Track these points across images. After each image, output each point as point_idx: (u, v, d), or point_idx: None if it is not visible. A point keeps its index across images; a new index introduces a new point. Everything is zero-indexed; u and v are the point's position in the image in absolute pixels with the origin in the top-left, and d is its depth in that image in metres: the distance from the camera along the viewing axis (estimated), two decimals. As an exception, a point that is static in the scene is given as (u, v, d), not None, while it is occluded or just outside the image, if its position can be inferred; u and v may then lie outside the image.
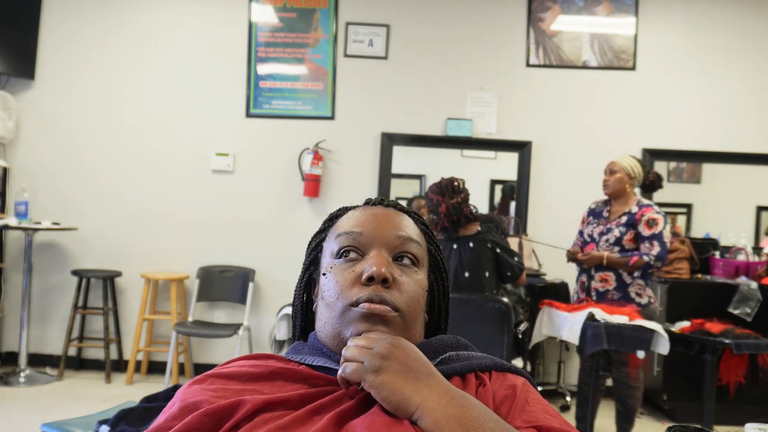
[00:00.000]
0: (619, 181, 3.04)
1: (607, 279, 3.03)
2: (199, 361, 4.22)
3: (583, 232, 3.22)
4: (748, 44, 4.29)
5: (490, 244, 2.90)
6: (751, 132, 4.29)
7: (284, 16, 4.25)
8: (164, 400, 0.97)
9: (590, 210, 3.25)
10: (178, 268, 4.18)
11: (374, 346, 0.73)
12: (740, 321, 3.45)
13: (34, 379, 3.84)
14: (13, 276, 4.20)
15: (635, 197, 3.09)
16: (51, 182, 4.19)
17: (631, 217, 3.01)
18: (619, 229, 3.02)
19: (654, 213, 2.97)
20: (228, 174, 4.25)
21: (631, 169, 3.04)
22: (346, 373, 0.72)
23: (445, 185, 2.98)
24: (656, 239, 2.92)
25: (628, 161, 3.07)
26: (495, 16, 4.29)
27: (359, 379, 0.71)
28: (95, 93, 4.22)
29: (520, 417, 0.76)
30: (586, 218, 3.25)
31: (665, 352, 2.64)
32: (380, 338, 0.75)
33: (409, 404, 0.69)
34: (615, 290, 3.02)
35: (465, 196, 2.96)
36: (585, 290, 3.12)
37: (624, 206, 3.06)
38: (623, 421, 3.04)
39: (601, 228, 3.11)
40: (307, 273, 0.95)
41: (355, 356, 0.73)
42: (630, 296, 3.00)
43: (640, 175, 3.07)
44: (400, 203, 0.96)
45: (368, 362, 0.71)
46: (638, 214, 2.99)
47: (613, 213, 3.11)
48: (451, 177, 3.02)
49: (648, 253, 2.90)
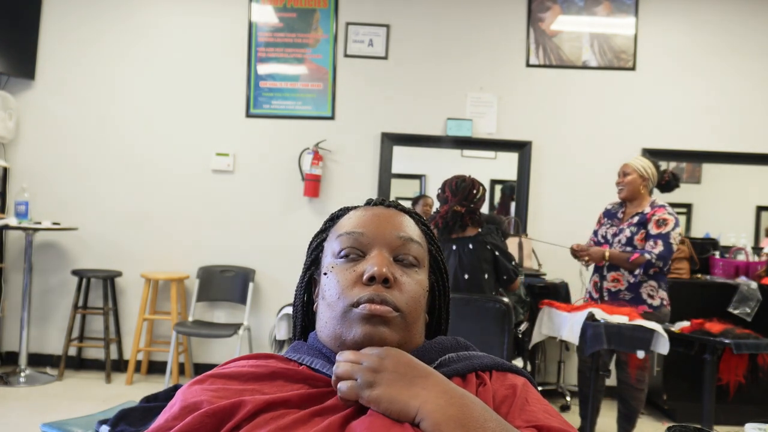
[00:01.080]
0: (632, 183, 3.00)
1: (618, 279, 3.01)
2: (199, 361, 4.22)
3: (597, 232, 3.21)
4: (748, 44, 4.29)
5: (489, 246, 2.89)
6: (751, 132, 4.29)
7: (284, 16, 4.25)
8: (164, 400, 0.97)
9: (606, 211, 3.23)
10: (178, 268, 4.18)
11: (364, 361, 0.73)
12: (740, 321, 3.45)
13: (34, 379, 3.84)
14: (13, 276, 4.20)
15: (650, 198, 3.06)
16: (51, 182, 4.19)
17: (642, 217, 2.98)
18: (630, 229, 3.00)
19: (666, 214, 2.93)
20: (228, 174, 4.25)
21: (644, 170, 3.01)
22: (342, 392, 0.73)
23: (463, 188, 2.89)
24: (662, 239, 2.89)
25: (641, 162, 3.04)
26: (495, 16, 4.29)
27: (356, 397, 0.72)
28: (95, 93, 4.22)
29: (520, 416, 0.76)
30: (602, 219, 3.23)
31: (665, 352, 2.64)
32: (368, 353, 0.75)
33: (408, 410, 0.69)
34: (627, 290, 2.99)
35: (474, 208, 2.89)
36: (598, 290, 3.10)
37: (638, 207, 3.03)
38: (624, 422, 3.04)
39: (614, 229, 3.09)
40: (308, 273, 0.95)
41: (348, 373, 0.73)
42: (642, 297, 2.97)
43: (654, 176, 3.03)
44: (401, 204, 0.96)
45: (361, 378, 0.72)
46: (650, 214, 2.96)
47: (627, 214, 3.08)
48: (473, 181, 2.92)
49: (650, 251, 2.88)
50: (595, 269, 3.15)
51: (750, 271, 3.80)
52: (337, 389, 0.73)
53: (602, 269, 3.07)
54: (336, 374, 0.74)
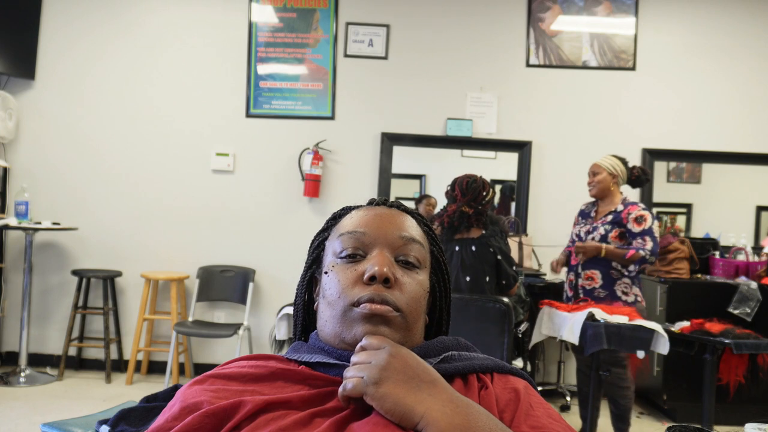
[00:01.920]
0: (602, 181, 3.13)
1: (593, 277, 3.08)
2: (199, 361, 4.22)
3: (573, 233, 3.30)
4: (748, 44, 4.29)
5: (492, 249, 2.85)
6: (751, 132, 4.29)
7: (284, 16, 4.25)
8: (164, 400, 0.97)
9: (580, 211, 3.35)
10: (178, 268, 4.18)
11: (372, 359, 0.72)
12: (740, 321, 3.45)
13: (34, 379, 3.84)
14: (13, 276, 4.19)
15: (621, 196, 3.17)
16: (51, 182, 4.19)
17: (617, 215, 3.08)
18: (604, 227, 3.09)
19: (640, 210, 3.05)
20: (228, 174, 4.25)
21: (613, 168, 3.13)
22: (347, 389, 0.71)
23: (473, 189, 2.86)
24: (647, 234, 2.99)
25: (609, 161, 3.16)
26: (495, 16, 4.29)
27: (361, 394, 0.70)
28: (95, 93, 4.22)
29: (525, 422, 0.75)
30: (577, 219, 3.34)
31: (665, 352, 2.64)
32: (377, 351, 0.74)
33: (413, 414, 0.68)
34: (601, 288, 3.06)
35: (482, 210, 2.87)
36: (573, 288, 3.17)
37: (610, 205, 3.15)
38: (619, 422, 3.04)
39: (587, 227, 3.19)
40: (309, 271, 0.95)
41: (354, 372, 0.72)
42: (616, 294, 3.05)
43: (623, 173, 3.15)
44: (403, 203, 0.96)
45: (368, 375, 0.70)
46: (624, 212, 3.06)
47: (599, 213, 3.19)
48: (484, 182, 2.90)
49: (643, 248, 2.96)
50: (571, 268, 3.21)
51: (750, 271, 3.80)
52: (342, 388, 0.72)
53: (577, 267, 3.14)
54: (345, 376, 0.73)
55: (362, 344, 0.76)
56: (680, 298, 3.64)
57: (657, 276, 3.75)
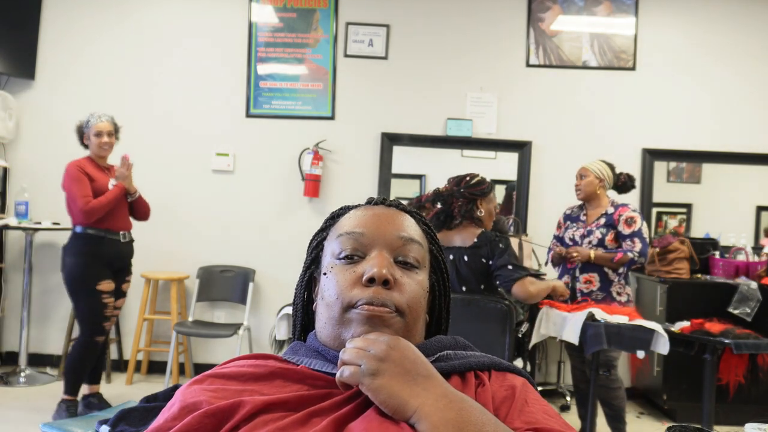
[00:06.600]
0: (589, 184, 3.17)
1: (591, 280, 3.10)
2: (199, 361, 4.22)
3: (563, 237, 3.29)
4: (748, 44, 4.29)
5: (484, 259, 2.69)
6: (751, 132, 4.29)
7: (284, 16, 4.25)
8: (164, 400, 0.97)
9: (566, 215, 3.36)
10: (178, 268, 4.18)
11: (371, 348, 0.72)
12: (740, 321, 3.45)
13: (34, 379, 3.84)
14: (13, 276, 4.19)
15: (608, 199, 3.21)
16: (51, 182, 4.17)
17: (609, 218, 3.12)
18: (600, 231, 3.12)
19: (631, 212, 3.10)
20: (228, 174, 4.24)
21: (600, 173, 3.17)
22: (343, 376, 0.72)
23: (457, 177, 2.78)
24: (636, 236, 3.04)
25: (597, 165, 3.20)
26: (495, 16, 4.29)
27: (356, 383, 0.71)
28: (95, 93, 4.22)
29: (519, 418, 0.75)
30: (563, 223, 3.35)
31: (665, 352, 2.64)
32: (377, 339, 0.74)
33: (406, 408, 0.69)
34: (599, 290, 3.09)
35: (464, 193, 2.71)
36: (570, 290, 3.14)
37: (599, 208, 3.18)
38: (615, 422, 3.04)
39: (582, 231, 3.20)
40: (308, 272, 0.95)
41: (353, 359, 0.72)
42: (612, 296, 3.09)
43: (610, 178, 3.19)
44: (402, 203, 0.95)
45: (365, 365, 0.71)
46: (615, 214, 3.10)
47: (590, 216, 3.21)
48: (482, 179, 2.79)
49: (631, 250, 3.01)
50: (567, 271, 3.21)
51: (750, 271, 3.80)
52: (337, 374, 0.73)
53: (575, 270, 3.15)
54: (342, 359, 0.73)
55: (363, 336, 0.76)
56: (680, 298, 3.64)
57: (657, 276, 3.75)
